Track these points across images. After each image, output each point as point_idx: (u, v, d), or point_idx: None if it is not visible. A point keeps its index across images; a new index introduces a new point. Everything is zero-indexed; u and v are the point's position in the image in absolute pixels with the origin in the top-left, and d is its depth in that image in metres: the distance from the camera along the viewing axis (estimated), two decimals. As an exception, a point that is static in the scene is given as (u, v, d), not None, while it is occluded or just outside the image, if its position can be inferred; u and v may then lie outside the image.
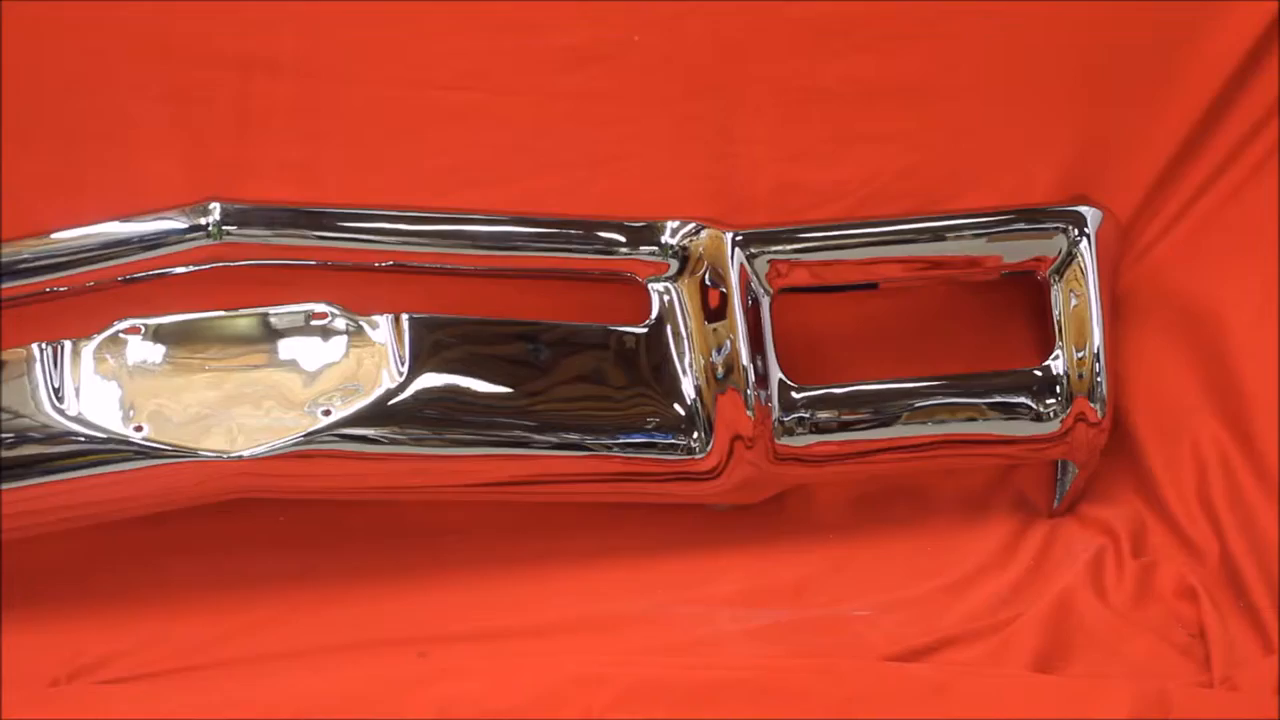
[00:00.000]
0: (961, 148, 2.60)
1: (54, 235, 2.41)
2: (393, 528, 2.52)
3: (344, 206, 2.43)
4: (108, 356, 2.37)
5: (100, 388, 2.36)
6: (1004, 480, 2.61)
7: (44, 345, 2.36)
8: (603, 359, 2.46)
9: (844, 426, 2.47)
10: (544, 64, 2.55)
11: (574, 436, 2.43)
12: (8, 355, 2.37)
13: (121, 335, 2.38)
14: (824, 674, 2.22)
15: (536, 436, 2.42)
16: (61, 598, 2.43)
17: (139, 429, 2.33)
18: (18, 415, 2.35)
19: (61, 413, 2.34)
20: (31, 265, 2.40)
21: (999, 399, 2.49)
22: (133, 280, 2.41)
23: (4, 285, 2.40)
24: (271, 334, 2.41)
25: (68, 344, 2.37)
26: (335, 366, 2.39)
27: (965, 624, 2.35)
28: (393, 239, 2.42)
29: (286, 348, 2.40)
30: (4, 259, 2.39)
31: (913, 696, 2.18)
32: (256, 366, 2.39)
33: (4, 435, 2.34)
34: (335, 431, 2.36)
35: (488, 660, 2.30)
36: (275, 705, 2.22)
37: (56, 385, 2.35)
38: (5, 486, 2.34)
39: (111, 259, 2.40)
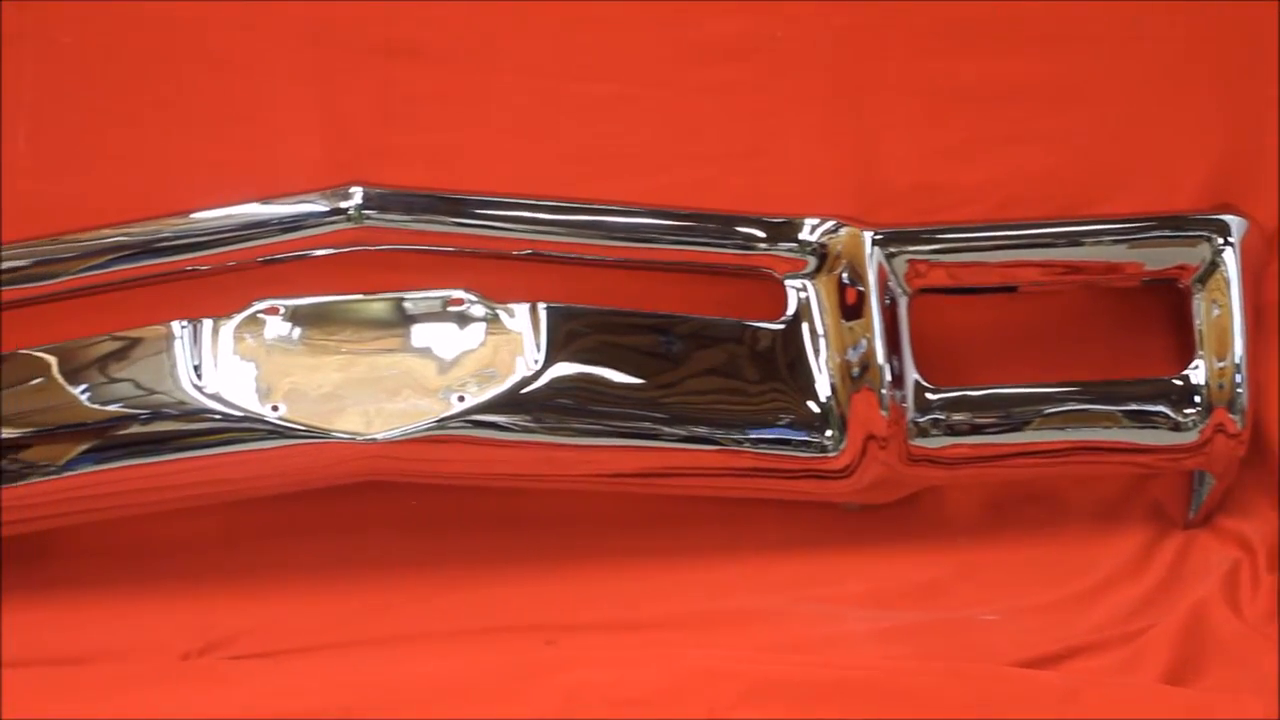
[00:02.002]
0: (1104, 151, 2.58)
1: (194, 215, 2.44)
2: (522, 516, 2.53)
3: (484, 194, 2.44)
4: (246, 336, 2.39)
5: (238, 367, 2.38)
6: (1139, 490, 2.58)
7: (184, 323, 2.38)
8: (736, 354, 2.46)
9: (978, 429, 2.45)
10: (686, 58, 2.55)
11: (704, 430, 2.43)
12: (144, 333, 2.40)
13: (260, 315, 2.40)
14: (951, 677, 2.21)
15: (666, 429, 2.42)
16: (195, 573, 2.46)
17: (275, 408, 2.35)
18: (152, 392, 2.38)
19: (200, 390, 2.36)
20: (172, 244, 2.43)
21: (1136, 407, 2.47)
22: (273, 261, 2.44)
23: (144, 263, 2.43)
24: (408, 319, 2.42)
25: (208, 322, 2.39)
26: (471, 353, 2.40)
27: (1096, 633, 2.33)
28: (531, 228, 2.43)
29: (422, 333, 2.41)
30: (145, 236, 2.42)
31: (1040, 703, 2.17)
32: (392, 350, 2.41)
33: (139, 411, 2.38)
34: (468, 417, 2.37)
35: (614, 651, 2.31)
36: (401, 688, 2.25)
37: (196, 363, 2.37)
38: (136, 462, 2.37)
39: (252, 240, 2.42)
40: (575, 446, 2.41)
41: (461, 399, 2.37)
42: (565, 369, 2.40)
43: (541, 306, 2.42)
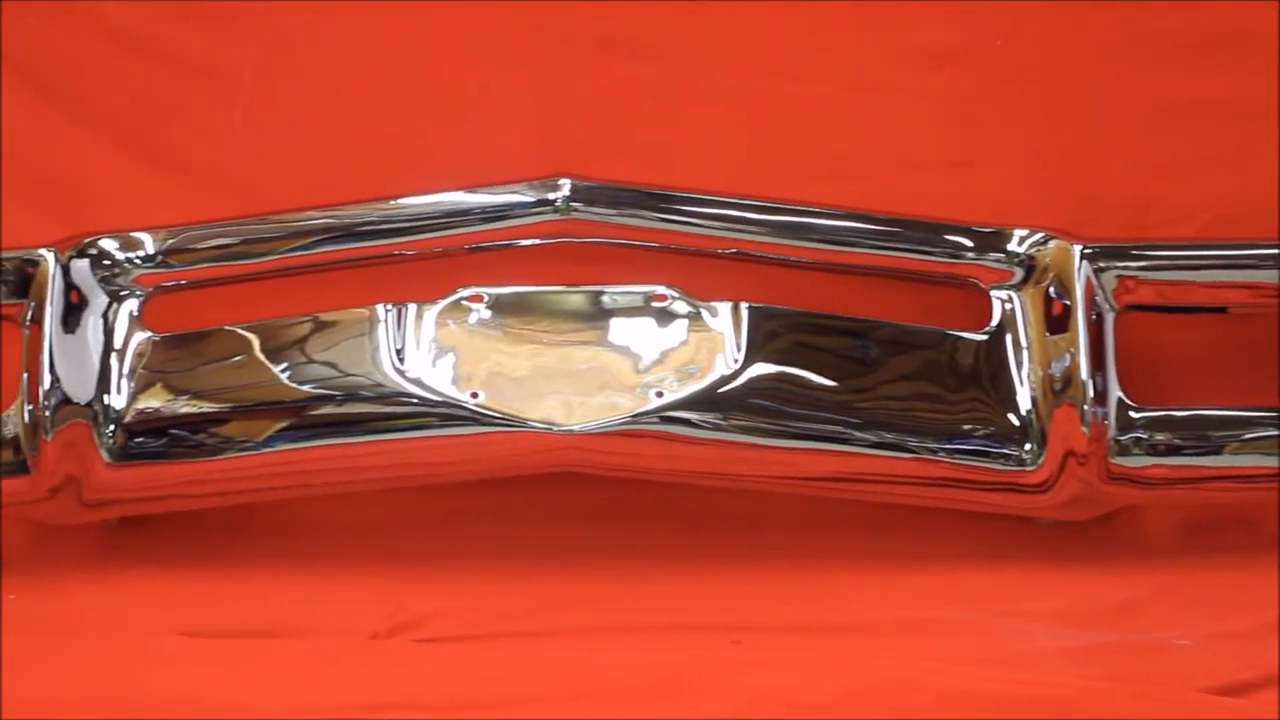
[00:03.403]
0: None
1: (400, 200, 2.46)
2: (714, 514, 2.52)
3: (691, 191, 2.45)
4: (449, 322, 2.41)
5: (439, 352, 2.40)
6: (1341, 519, 2.53)
7: (389, 306, 2.41)
8: (935, 362, 2.43)
9: (1180, 450, 2.41)
10: (904, 62, 2.55)
11: (900, 437, 2.41)
12: (347, 315, 2.42)
13: (464, 302, 2.42)
14: (1140, 700, 2.17)
15: (860, 434, 2.41)
16: (386, 555, 2.48)
17: (474, 395, 2.37)
18: (352, 373, 2.40)
19: (402, 374, 2.38)
20: (377, 228, 2.46)
21: (1343, 436, 2.42)
22: (479, 249, 2.45)
23: (349, 246, 2.46)
24: (609, 312, 2.42)
25: (412, 307, 2.41)
26: (671, 349, 2.40)
27: (1292, 663, 2.29)
28: (737, 227, 2.43)
29: (622, 327, 2.42)
30: (350, 220, 2.45)
31: (1231, 732, 2.14)
32: (591, 343, 2.41)
33: (338, 392, 2.40)
34: (665, 414, 2.36)
35: (800, 654, 2.29)
36: (585, 680, 2.25)
37: (399, 346, 2.39)
38: (333, 442, 2.40)
39: (458, 227, 2.45)
40: (769, 447, 2.40)
41: (660, 395, 2.37)
42: (763, 369, 2.39)
43: (744, 306, 2.41)
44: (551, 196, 2.42)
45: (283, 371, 2.41)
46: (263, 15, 2.59)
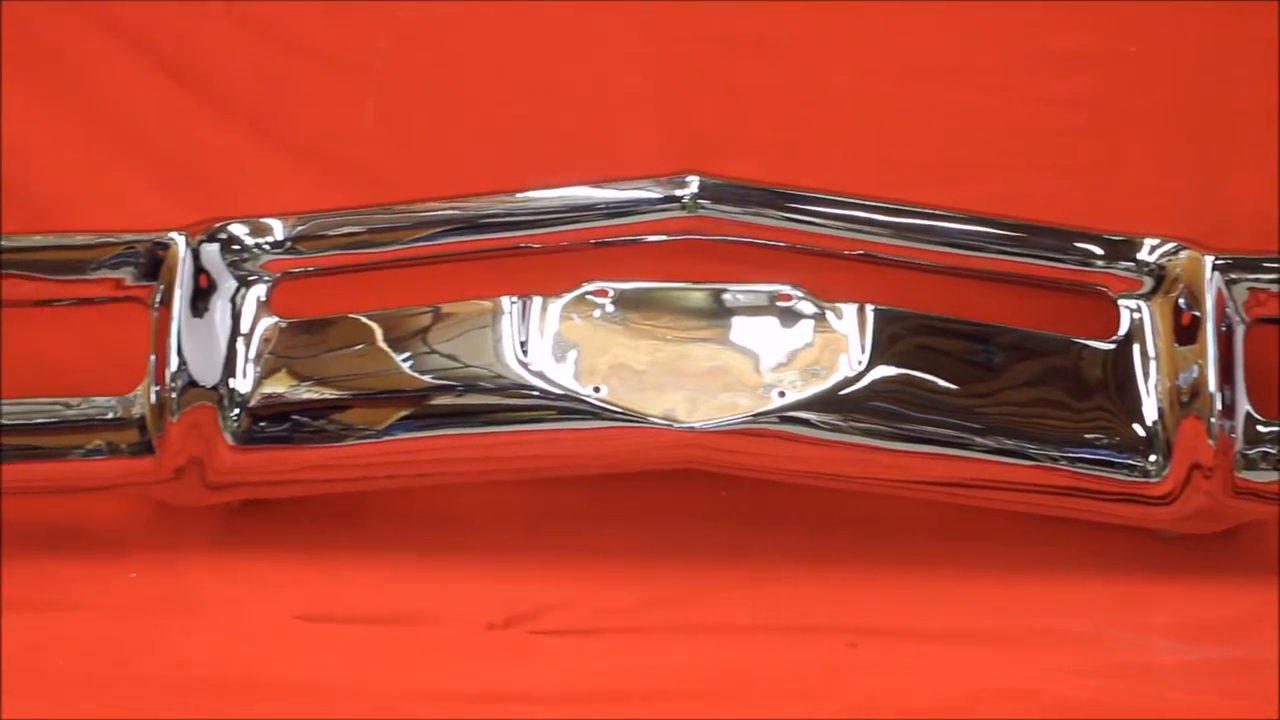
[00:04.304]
0: None
1: (524, 194, 2.47)
2: (833, 515, 2.51)
3: (819, 191, 2.44)
4: (573, 316, 2.41)
5: (562, 346, 2.40)
6: None
7: (514, 299, 2.41)
8: (1060, 369, 2.42)
9: (1308, 467, 2.40)
10: (1033, 66, 2.54)
11: (1022, 444, 2.39)
12: (471, 306, 2.43)
13: (589, 297, 2.42)
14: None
15: (981, 439, 2.39)
16: (504, 546, 2.49)
17: (596, 390, 2.37)
18: (475, 364, 2.41)
19: (525, 366, 2.38)
20: (503, 220, 2.46)
21: None
22: (605, 244, 2.46)
23: (473, 237, 2.46)
24: (733, 310, 2.42)
25: (537, 300, 2.42)
26: (795, 349, 2.39)
27: None
28: (864, 229, 2.42)
29: (746, 325, 2.41)
30: (474, 212, 2.46)
31: (1345, 756, 2.12)
32: (714, 340, 2.41)
33: (460, 383, 2.41)
34: (787, 414, 2.36)
35: (916, 659, 2.28)
36: (700, 677, 2.26)
37: (523, 339, 2.40)
38: (455, 432, 2.41)
39: (583, 222, 2.45)
40: (889, 450, 2.39)
41: (782, 394, 2.36)
42: (887, 372, 2.38)
43: (869, 308, 2.40)
44: (679, 193, 2.42)
45: (405, 360, 2.42)
46: (395, 7, 2.61)
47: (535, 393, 2.38)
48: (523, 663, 2.31)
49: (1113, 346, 2.41)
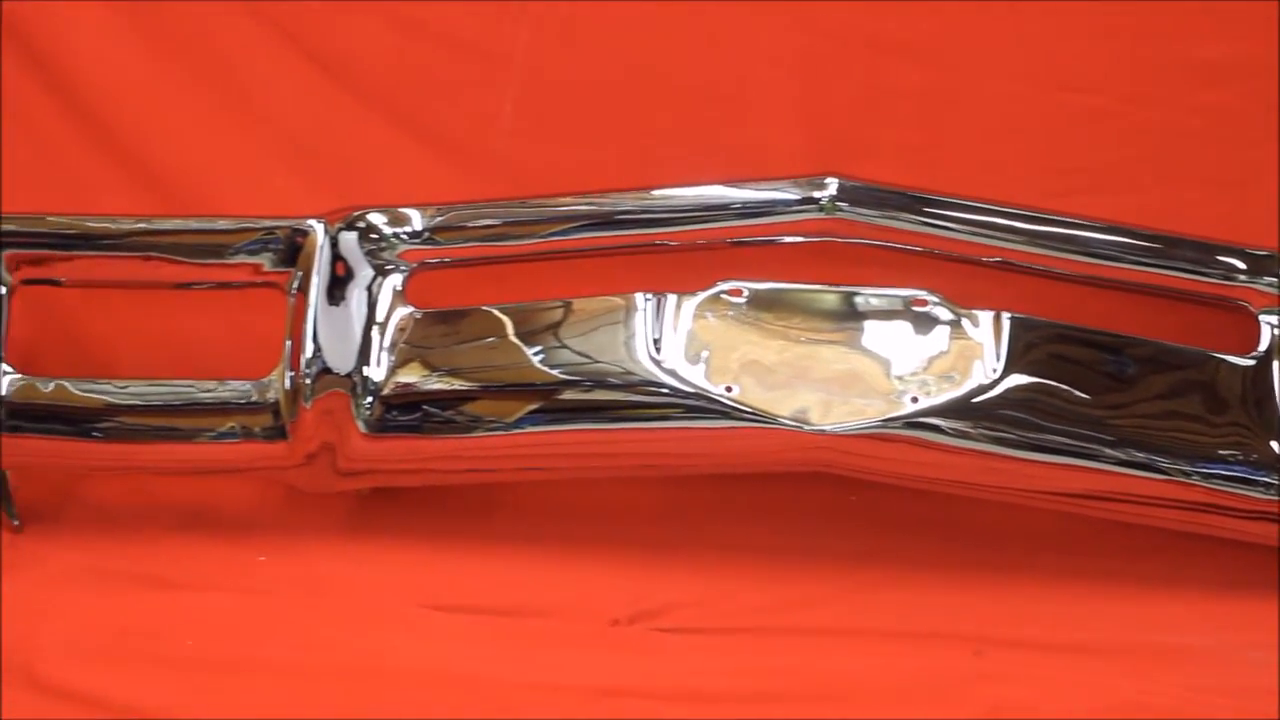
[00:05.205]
0: None
1: (662, 191, 2.47)
2: (961, 523, 2.50)
3: (959, 197, 2.42)
4: (707, 314, 2.41)
5: (695, 344, 2.40)
6: None
7: (648, 296, 2.41)
8: (1196, 384, 2.39)
9: None
10: (1181, 76, 2.51)
11: (1155, 458, 2.36)
12: (604, 302, 2.43)
13: (724, 296, 2.42)
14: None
15: (1114, 452, 2.36)
16: (629, 542, 2.50)
17: (728, 389, 2.36)
18: (601, 361, 2.41)
19: (658, 364, 2.38)
20: (638, 217, 2.47)
21: None
22: (741, 243, 2.45)
23: (610, 233, 2.47)
24: (867, 314, 2.41)
25: (672, 297, 2.41)
26: (930, 354, 2.37)
27: None
28: (1003, 236, 2.41)
29: (880, 329, 2.39)
30: (607, 208, 2.46)
31: None
32: (846, 343, 2.39)
33: (591, 378, 2.41)
34: (918, 420, 2.34)
35: (1042, 670, 2.26)
36: (822, 682, 2.26)
37: (656, 336, 2.40)
38: (585, 427, 2.41)
39: (719, 221, 2.45)
40: (1019, 460, 2.36)
41: (915, 400, 2.35)
42: (1020, 380, 2.36)
43: (1006, 316, 2.38)
44: (817, 195, 2.41)
45: (536, 354, 2.42)
46: (531, 9, 2.62)
47: (666, 390, 2.38)
48: (645, 660, 2.31)
49: (1252, 363, 2.38)
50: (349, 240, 2.45)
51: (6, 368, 2.45)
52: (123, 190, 2.64)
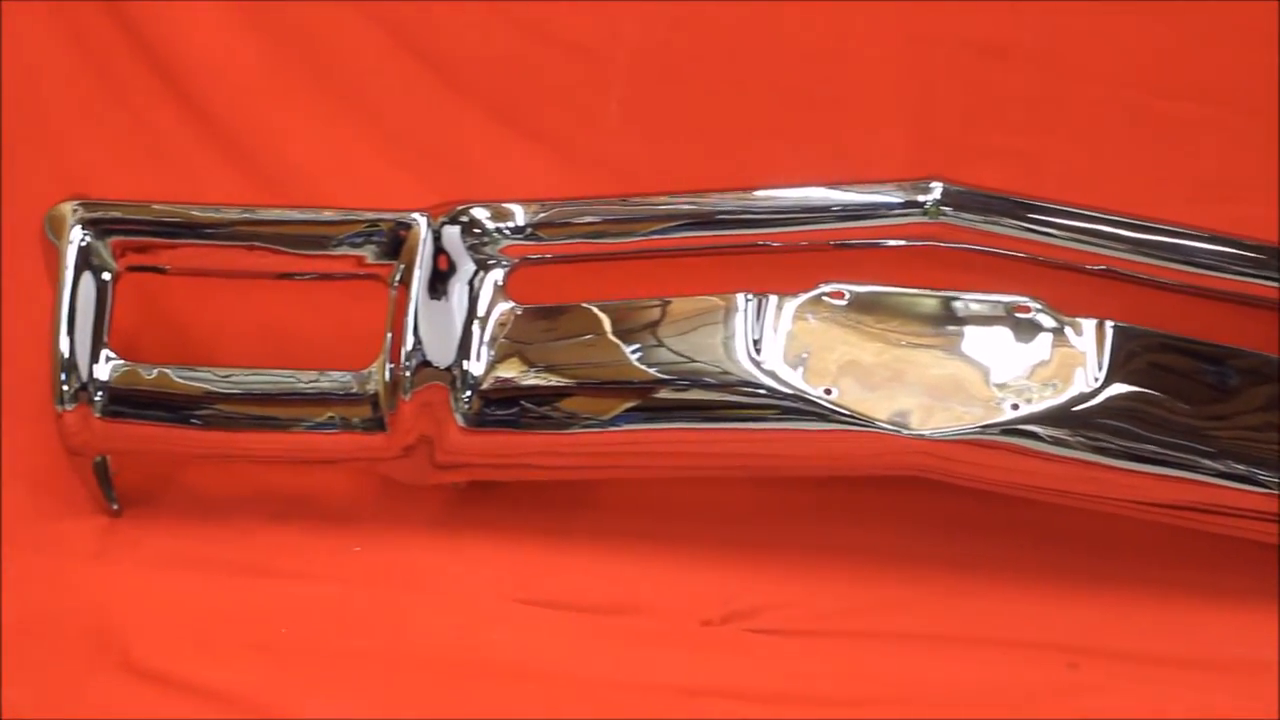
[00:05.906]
0: None
1: (765, 191, 2.46)
2: (1059, 531, 2.48)
3: (1063, 204, 2.41)
4: (808, 316, 2.40)
5: (795, 345, 2.39)
6: None
7: (749, 296, 2.41)
8: (1299, 396, 2.38)
9: None
10: (1289, 86, 2.50)
11: (1252, 470, 2.33)
12: (704, 302, 2.42)
13: (825, 298, 2.41)
14: None
15: (1212, 463, 2.34)
16: (723, 542, 2.49)
17: (828, 392, 2.36)
18: (700, 360, 2.41)
19: (758, 364, 2.37)
20: (739, 217, 2.46)
21: None
22: (844, 246, 2.45)
23: (711, 233, 2.47)
24: (968, 319, 2.39)
25: (773, 298, 2.40)
26: (1031, 362, 2.36)
27: None
28: (1108, 244, 2.39)
29: (982, 335, 2.38)
30: (708, 208, 2.46)
31: None
32: (949, 349, 2.38)
33: (690, 377, 2.41)
34: (1019, 427, 2.32)
35: (1138, 684, 2.25)
36: (914, 687, 2.26)
37: (756, 337, 2.40)
38: (682, 426, 2.40)
39: (822, 222, 2.44)
40: (1118, 469, 2.34)
41: (1015, 407, 2.33)
42: (1121, 389, 2.34)
43: (1109, 324, 2.36)
44: (921, 199, 2.40)
45: (633, 352, 2.42)
46: (639, 8, 2.63)
47: (764, 391, 2.37)
48: (735, 660, 2.31)
49: (1357, 377, 2.36)
50: (452, 234, 2.46)
51: (110, 353, 2.48)
52: (232, 183, 2.67)
